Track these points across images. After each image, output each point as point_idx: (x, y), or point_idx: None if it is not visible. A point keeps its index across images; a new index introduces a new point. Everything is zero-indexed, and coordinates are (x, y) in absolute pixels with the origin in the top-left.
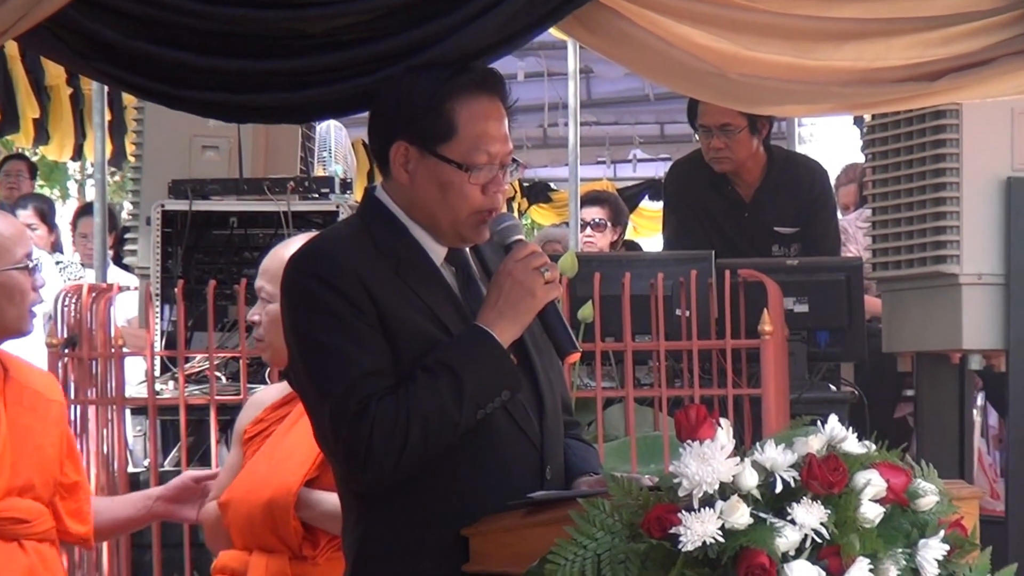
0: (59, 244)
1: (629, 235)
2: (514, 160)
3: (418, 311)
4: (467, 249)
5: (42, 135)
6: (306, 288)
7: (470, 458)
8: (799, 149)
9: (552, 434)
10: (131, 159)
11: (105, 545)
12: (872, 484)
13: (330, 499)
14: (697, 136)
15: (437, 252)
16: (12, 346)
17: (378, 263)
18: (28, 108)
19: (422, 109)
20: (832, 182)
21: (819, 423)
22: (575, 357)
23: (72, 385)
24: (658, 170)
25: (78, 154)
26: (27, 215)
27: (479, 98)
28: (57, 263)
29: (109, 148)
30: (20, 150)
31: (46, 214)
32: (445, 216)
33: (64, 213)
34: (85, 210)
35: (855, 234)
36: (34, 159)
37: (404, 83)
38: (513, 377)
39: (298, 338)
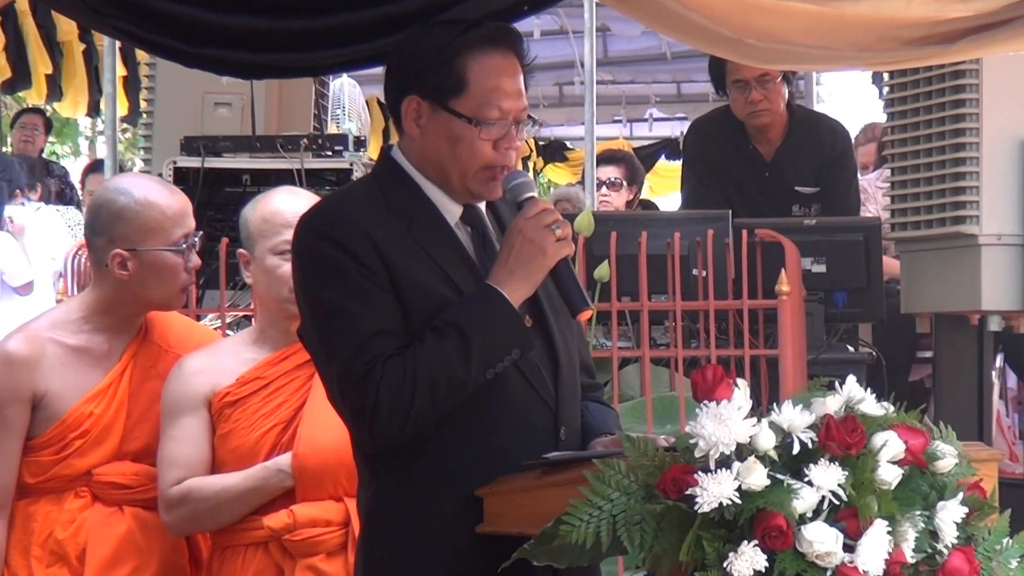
0: (75, 200)
1: (645, 194)
2: (530, 117)
3: (430, 271)
4: (483, 208)
5: (55, 91)
6: (316, 248)
7: (482, 419)
8: (817, 109)
9: (567, 395)
10: (143, 116)
11: None
12: (890, 446)
13: None
14: (728, 94)
15: (452, 211)
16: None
17: (390, 223)
18: (40, 64)
19: (434, 63)
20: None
21: (836, 384)
22: (587, 314)
23: None
24: (674, 129)
25: (94, 110)
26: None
27: (492, 53)
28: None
29: (125, 105)
30: (36, 106)
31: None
32: (454, 171)
33: (75, 170)
34: (94, 168)
35: (874, 194)
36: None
37: (417, 37)
38: (523, 336)
39: (307, 298)
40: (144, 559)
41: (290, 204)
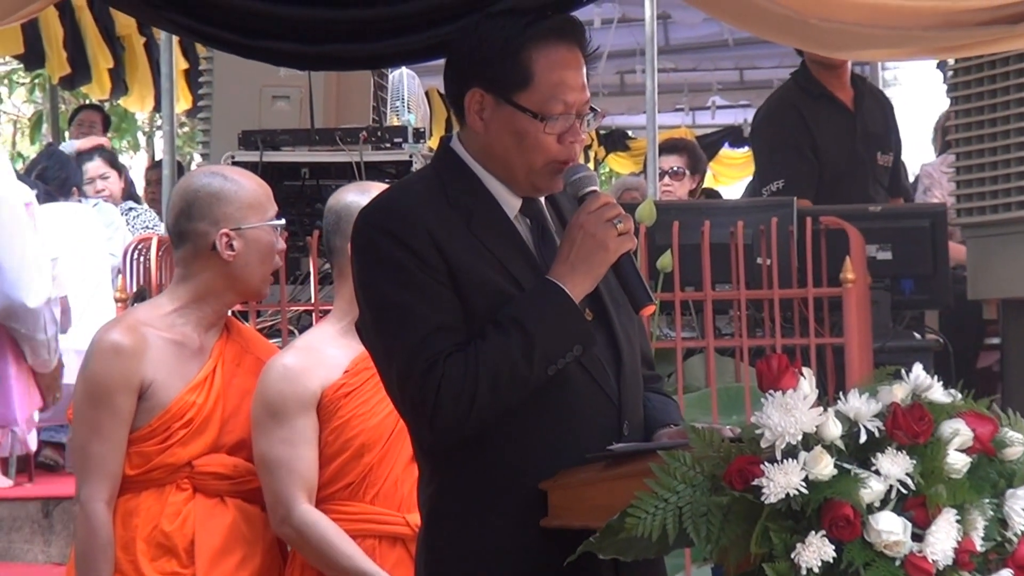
0: (132, 191)
1: (708, 183)
2: (592, 109)
3: (489, 265)
4: (543, 201)
5: (120, 86)
6: (374, 243)
7: (545, 414)
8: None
9: (630, 389)
10: (201, 110)
11: None
12: (958, 434)
13: None
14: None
15: (511, 204)
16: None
17: (449, 216)
18: (101, 58)
19: (498, 56)
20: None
21: (903, 372)
22: (650, 310)
23: None
24: (737, 117)
25: (160, 105)
26: (96, 166)
27: (557, 46)
28: (130, 210)
29: (188, 98)
30: (99, 102)
31: (114, 161)
32: (519, 165)
33: (135, 165)
34: (159, 165)
35: (940, 179)
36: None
37: (480, 29)
38: (584, 332)
39: (366, 294)
40: (251, 549)
41: None
